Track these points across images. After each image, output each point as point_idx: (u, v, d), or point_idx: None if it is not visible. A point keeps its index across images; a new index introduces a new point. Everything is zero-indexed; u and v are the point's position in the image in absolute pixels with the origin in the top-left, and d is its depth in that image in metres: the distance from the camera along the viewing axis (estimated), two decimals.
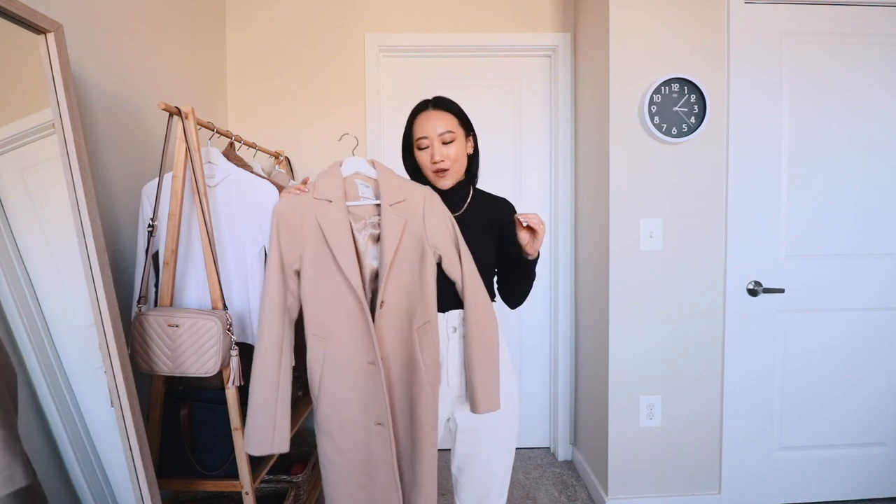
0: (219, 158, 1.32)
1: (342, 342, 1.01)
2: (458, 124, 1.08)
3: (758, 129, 1.63)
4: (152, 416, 1.22)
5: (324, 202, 1.01)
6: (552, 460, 2.11)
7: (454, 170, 1.08)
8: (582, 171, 1.95)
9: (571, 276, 2.07)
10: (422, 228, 1.04)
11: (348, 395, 1.01)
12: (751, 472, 1.71)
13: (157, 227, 1.19)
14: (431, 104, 1.09)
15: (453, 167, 1.07)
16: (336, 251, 0.98)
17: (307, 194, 1.04)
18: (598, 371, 1.77)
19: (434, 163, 1.05)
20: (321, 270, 1.01)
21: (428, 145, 1.06)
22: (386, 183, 1.06)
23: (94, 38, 1.24)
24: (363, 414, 1.02)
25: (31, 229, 0.99)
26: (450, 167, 1.06)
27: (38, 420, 0.97)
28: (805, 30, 1.62)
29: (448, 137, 1.05)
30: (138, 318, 1.14)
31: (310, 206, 1.02)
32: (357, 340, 1.00)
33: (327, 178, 1.05)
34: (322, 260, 1.00)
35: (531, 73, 2.10)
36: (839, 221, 1.67)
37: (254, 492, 1.22)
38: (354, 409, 1.02)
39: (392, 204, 1.03)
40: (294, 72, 2.02)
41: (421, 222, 1.04)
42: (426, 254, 1.03)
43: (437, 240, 1.05)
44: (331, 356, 1.01)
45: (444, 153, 1.05)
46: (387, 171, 1.10)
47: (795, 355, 1.70)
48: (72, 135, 0.95)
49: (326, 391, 1.02)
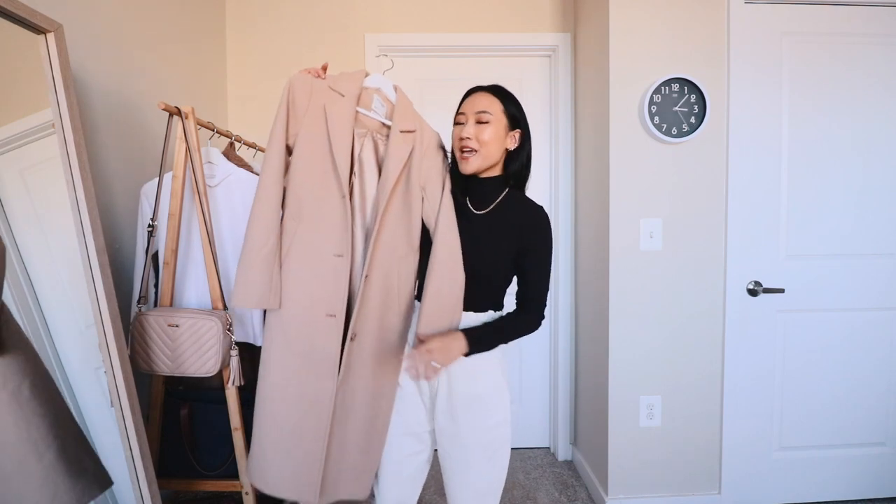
0: (219, 158, 1.32)
1: (316, 228, 0.99)
2: (501, 111, 1.00)
3: (758, 129, 1.63)
4: (152, 416, 1.23)
5: (336, 94, 1.01)
6: (552, 460, 2.11)
7: (481, 154, 0.99)
8: (582, 171, 1.95)
9: (571, 276, 2.07)
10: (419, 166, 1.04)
11: (307, 281, 0.99)
12: (751, 472, 1.71)
13: (157, 227, 1.19)
14: (484, 87, 1.03)
15: (481, 151, 0.98)
16: (333, 141, 0.98)
17: (323, 81, 1.03)
18: (598, 371, 1.77)
19: (461, 139, 0.98)
20: (312, 154, 1.00)
21: (463, 122, 1.00)
22: (402, 110, 1.06)
23: (94, 38, 1.24)
24: (317, 303, 0.99)
25: (31, 229, 0.99)
26: (477, 149, 0.98)
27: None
28: (805, 30, 1.62)
29: (483, 118, 0.97)
30: (138, 318, 1.14)
31: (321, 93, 1.02)
32: (330, 230, 0.99)
33: (347, 77, 1.06)
34: (317, 145, 1.00)
35: (531, 73, 2.10)
36: (839, 221, 1.67)
37: (254, 492, 1.22)
38: (309, 296, 0.99)
39: (402, 130, 1.03)
40: (294, 71, 2.01)
41: (420, 160, 1.04)
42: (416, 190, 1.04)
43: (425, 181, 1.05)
44: (300, 238, 1.00)
45: (474, 132, 0.97)
46: (406, 101, 1.10)
47: (795, 355, 1.70)
48: (72, 135, 0.95)
49: (286, 271, 1.00)
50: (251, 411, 1.27)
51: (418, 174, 1.04)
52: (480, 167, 1.01)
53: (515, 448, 2.20)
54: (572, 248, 2.06)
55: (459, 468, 1.03)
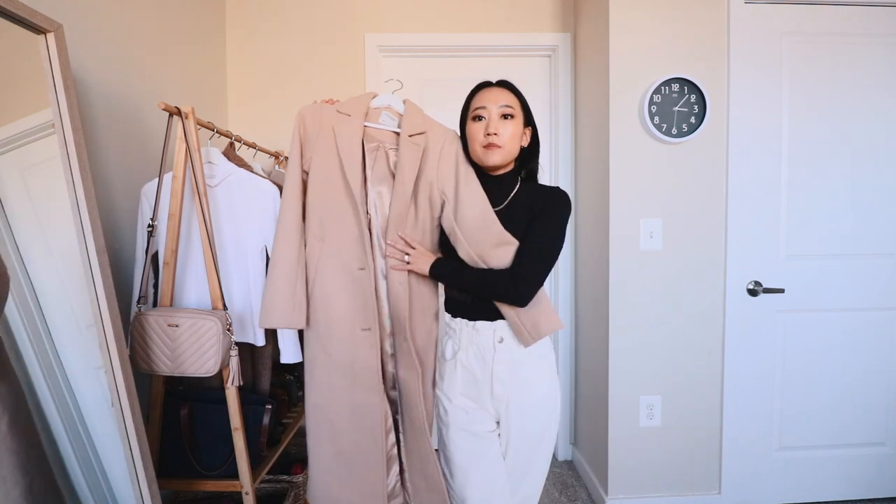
0: (219, 158, 1.32)
1: (338, 244, 1.05)
2: (520, 107, 1.04)
3: (758, 129, 1.63)
4: (152, 416, 1.22)
5: (343, 116, 1.07)
6: (552, 460, 2.11)
7: (506, 150, 1.01)
8: (582, 170, 1.95)
9: (571, 275, 2.07)
10: (434, 168, 1.06)
11: (338, 298, 1.05)
12: (751, 472, 1.71)
13: (157, 227, 1.19)
14: (496, 83, 1.05)
15: (506, 146, 1.00)
16: (344, 159, 1.03)
17: (332, 106, 1.09)
18: (598, 371, 1.77)
19: (487, 134, 0.99)
20: (326, 176, 1.05)
21: (485, 116, 1.00)
22: (411, 116, 1.10)
23: (94, 38, 1.24)
24: (352, 318, 1.05)
25: (31, 229, 0.99)
26: (502, 144, 0.99)
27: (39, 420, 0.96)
28: (805, 30, 1.62)
29: (508, 111, 1.00)
30: (138, 318, 1.14)
31: (330, 117, 1.07)
32: (352, 245, 1.04)
33: (355, 100, 1.11)
34: (330, 166, 1.05)
35: (531, 73, 2.10)
36: (839, 221, 1.67)
37: (254, 492, 1.22)
38: (342, 312, 1.05)
39: (411, 134, 1.06)
40: (294, 71, 2.02)
41: (436, 160, 1.06)
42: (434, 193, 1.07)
43: (444, 183, 1.06)
44: (325, 257, 1.06)
45: (500, 128, 0.99)
46: (415, 108, 1.12)
47: (795, 355, 1.70)
48: (72, 135, 0.95)
49: (318, 290, 1.06)
50: (251, 411, 1.27)
51: (435, 175, 1.06)
52: (502, 162, 1.03)
53: None
54: (572, 248, 2.05)
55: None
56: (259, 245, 1.30)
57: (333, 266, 1.05)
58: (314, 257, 1.06)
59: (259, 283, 1.30)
